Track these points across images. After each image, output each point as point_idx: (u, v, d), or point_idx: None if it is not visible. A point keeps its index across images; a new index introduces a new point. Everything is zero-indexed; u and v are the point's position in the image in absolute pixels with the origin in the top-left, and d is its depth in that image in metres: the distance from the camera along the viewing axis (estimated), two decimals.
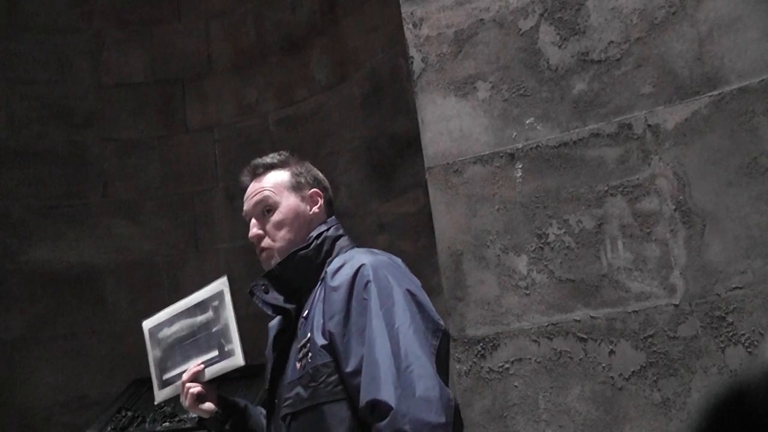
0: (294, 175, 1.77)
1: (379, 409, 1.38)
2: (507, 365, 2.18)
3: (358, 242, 1.79)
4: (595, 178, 2.19)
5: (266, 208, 1.73)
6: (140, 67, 4.40)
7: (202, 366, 1.75)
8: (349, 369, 1.46)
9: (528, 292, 2.21)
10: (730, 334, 1.98)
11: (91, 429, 3.25)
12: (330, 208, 1.80)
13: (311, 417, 1.50)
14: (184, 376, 1.75)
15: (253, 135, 4.27)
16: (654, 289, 2.08)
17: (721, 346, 1.98)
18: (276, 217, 1.71)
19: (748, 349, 1.95)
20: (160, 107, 4.36)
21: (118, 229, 4.15)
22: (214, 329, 1.76)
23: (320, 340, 1.51)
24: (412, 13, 2.51)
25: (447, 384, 1.46)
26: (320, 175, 1.84)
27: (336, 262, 1.60)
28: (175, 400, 3.28)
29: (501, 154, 2.32)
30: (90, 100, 4.28)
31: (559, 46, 2.29)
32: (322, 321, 1.53)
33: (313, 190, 1.76)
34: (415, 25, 2.50)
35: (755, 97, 2.01)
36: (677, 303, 2.05)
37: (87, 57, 4.33)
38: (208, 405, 1.74)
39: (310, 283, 1.64)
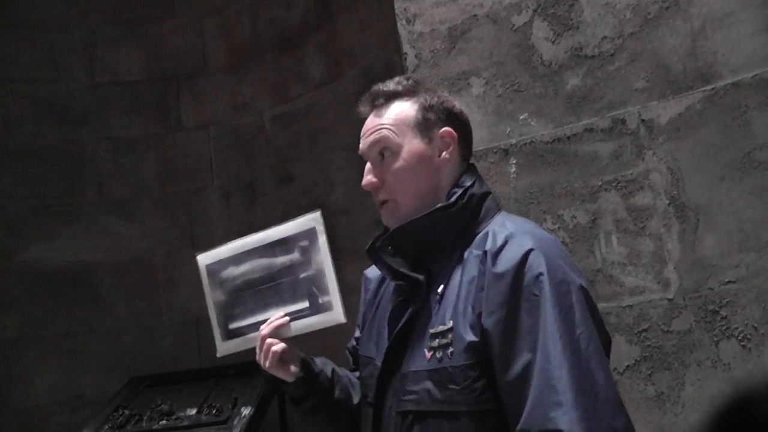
0: (422, 108, 1.42)
1: None
2: None
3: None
4: (589, 173, 2.20)
5: (383, 150, 1.42)
6: (135, 65, 4.39)
7: (287, 318, 1.47)
8: (509, 377, 1.20)
9: None
10: (724, 327, 1.98)
11: (89, 427, 3.25)
12: (467, 150, 1.47)
13: (445, 425, 1.24)
14: (264, 329, 1.46)
15: (249, 132, 4.27)
16: (648, 283, 2.09)
17: (715, 339, 1.99)
18: (396, 164, 1.40)
19: (742, 343, 1.96)
20: (154, 105, 4.35)
21: (113, 228, 4.14)
22: (303, 275, 1.47)
23: (469, 336, 1.24)
24: (405, 10, 2.51)
25: None
26: (456, 107, 1.47)
27: (495, 239, 1.30)
28: (173, 396, 3.30)
29: (495, 150, 2.32)
30: (85, 99, 4.27)
31: (553, 42, 2.29)
32: (472, 312, 1.26)
33: (444, 129, 1.42)
34: (408, 22, 2.50)
35: (748, 92, 2.02)
36: (671, 297, 2.06)
37: (81, 55, 4.32)
38: (293, 368, 1.46)
39: (444, 248, 1.36)
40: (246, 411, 3.04)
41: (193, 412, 3.16)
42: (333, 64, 4.03)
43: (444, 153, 1.42)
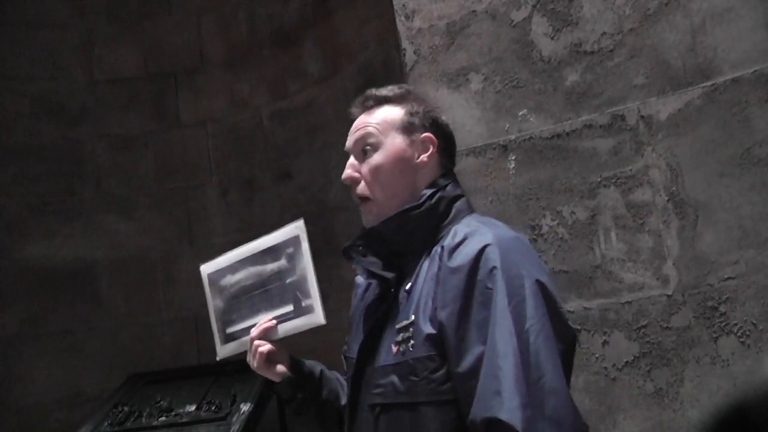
0: (408, 113, 1.49)
1: (499, 430, 1.16)
2: None
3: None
4: (588, 170, 2.20)
5: (366, 146, 1.48)
6: (132, 63, 4.38)
7: (274, 322, 1.54)
8: (461, 369, 1.23)
9: None
10: (723, 324, 1.98)
11: (88, 425, 3.25)
12: (448, 159, 1.52)
13: (406, 416, 1.29)
14: (253, 332, 1.54)
15: (247, 129, 4.27)
16: (647, 279, 2.09)
17: (714, 336, 1.99)
18: (375, 159, 1.46)
19: (741, 339, 1.96)
20: (152, 102, 4.34)
21: (112, 225, 4.14)
22: (288, 280, 1.54)
23: (427, 329, 1.29)
24: (404, 5, 2.51)
25: None
26: (443, 118, 1.54)
27: (454, 235, 1.35)
28: (172, 393, 3.30)
29: (494, 146, 2.32)
30: (82, 96, 4.26)
31: (552, 38, 2.29)
32: (431, 306, 1.30)
33: (425, 134, 1.48)
34: (407, 17, 2.49)
35: (748, 88, 2.01)
36: (670, 293, 2.06)
37: (79, 53, 4.32)
38: (280, 367, 1.52)
39: (415, 249, 1.41)
40: (245, 407, 3.04)
41: (193, 408, 3.17)
42: (331, 60, 4.02)
43: (423, 156, 1.47)
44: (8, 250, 3.94)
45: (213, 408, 3.12)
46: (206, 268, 1.73)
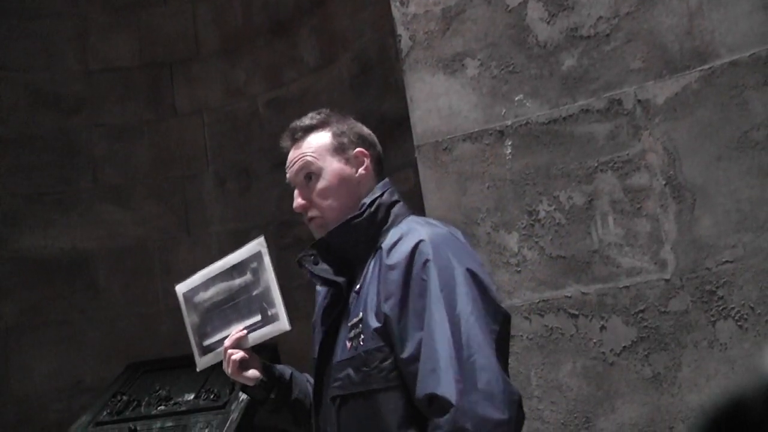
0: (335, 135, 1.62)
1: (438, 404, 1.29)
2: None
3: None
4: (585, 154, 2.19)
5: (308, 174, 1.59)
6: (127, 52, 4.36)
7: (245, 332, 1.65)
8: (405, 355, 1.36)
9: (519, 269, 2.21)
10: (721, 308, 1.98)
11: (88, 414, 3.26)
12: (379, 166, 1.65)
13: (362, 403, 1.42)
14: (226, 343, 1.65)
15: (242, 118, 4.25)
16: (645, 264, 2.08)
17: (712, 320, 1.99)
18: (320, 184, 1.58)
19: (738, 323, 1.96)
20: (148, 91, 4.32)
21: (108, 215, 4.13)
22: (255, 292, 1.67)
23: (374, 323, 1.42)
24: None
25: (507, 371, 1.39)
26: (365, 130, 1.68)
27: (392, 236, 1.48)
28: (170, 382, 3.30)
29: (490, 131, 2.31)
30: (77, 86, 4.25)
31: (548, 23, 2.27)
32: (376, 301, 1.43)
33: (357, 149, 1.61)
34: (402, 3, 2.48)
35: (746, 71, 2.00)
36: (668, 278, 2.05)
37: (74, 42, 4.29)
38: (252, 372, 1.64)
39: (362, 254, 1.53)
40: (244, 395, 3.03)
41: (191, 397, 3.17)
42: (326, 48, 4.01)
43: (360, 170, 1.60)
44: (5, 241, 3.94)
45: (212, 396, 3.12)
46: (181, 288, 1.84)
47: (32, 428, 3.75)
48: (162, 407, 3.15)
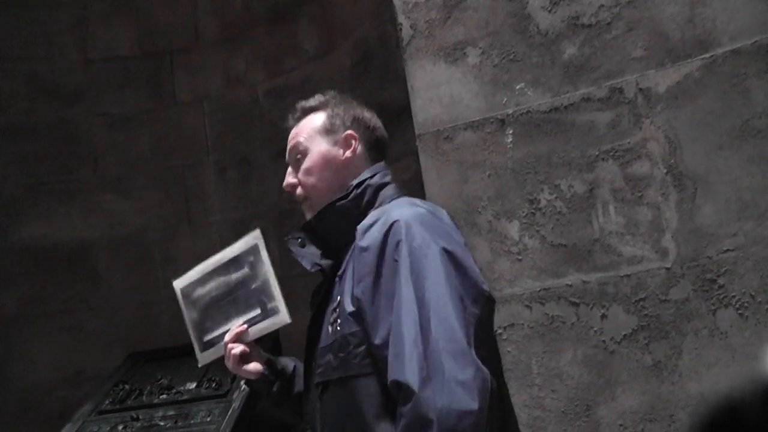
0: (329, 117, 1.62)
1: (402, 391, 1.22)
2: (500, 330, 2.19)
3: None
4: (586, 143, 2.19)
5: (297, 155, 1.61)
6: (127, 41, 4.34)
7: (245, 326, 1.64)
8: (377, 341, 1.31)
9: (520, 257, 2.21)
10: (722, 296, 1.99)
11: (90, 403, 3.26)
12: (377, 151, 1.64)
13: (341, 390, 1.38)
14: (227, 337, 1.64)
15: (243, 106, 4.24)
16: (646, 252, 2.09)
17: (712, 308, 2.00)
18: (305, 164, 1.59)
19: (739, 312, 1.96)
20: (148, 80, 4.30)
21: (109, 204, 4.13)
22: (253, 286, 1.65)
23: (348, 307, 1.38)
24: None
25: (494, 357, 1.33)
26: (364, 114, 1.66)
27: (370, 218, 1.45)
28: (172, 371, 3.31)
29: (491, 120, 2.31)
30: (77, 75, 4.23)
31: (549, 11, 2.27)
32: (350, 284, 1.40)
33: (347, 132, 1.61)
34: None
35: (747, 59, 2.00)
36: (669, 266, 2.06)
37: (74, 32, 4.27)
38: (254, 366, 1.63)
39: (349, 237, 1.47)
40: (245, 384, 3.05)
41: (193, 386, 3.18)
42: (326, 36, 3.99)
43: (347, 152, 1.59)
44: (6, 231, 3.94)
45: (213, 385, 3.13)
46: (178, 284, 1.83)
47: (35, 417, 3.76)
48: (164, 396, 3.16)
